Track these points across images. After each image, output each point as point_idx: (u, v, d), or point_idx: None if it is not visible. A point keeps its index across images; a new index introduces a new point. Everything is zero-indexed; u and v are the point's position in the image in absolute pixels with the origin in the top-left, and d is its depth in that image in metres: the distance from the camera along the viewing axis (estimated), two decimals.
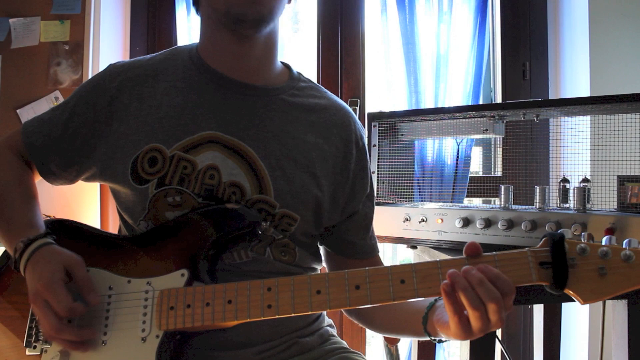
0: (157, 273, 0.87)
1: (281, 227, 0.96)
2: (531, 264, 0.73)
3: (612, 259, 0.70)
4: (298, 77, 1.07)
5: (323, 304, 0.78)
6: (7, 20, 1.96)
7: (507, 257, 0.74)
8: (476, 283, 0.70)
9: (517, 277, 0.73)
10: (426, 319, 0.86)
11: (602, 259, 0.71)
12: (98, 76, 1.01)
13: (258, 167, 0.94)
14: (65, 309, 0.79)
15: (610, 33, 1.85)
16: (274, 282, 0.80)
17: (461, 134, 1.47)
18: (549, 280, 0.72)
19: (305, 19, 2.26)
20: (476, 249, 0.75)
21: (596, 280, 0.70)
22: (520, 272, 0.73)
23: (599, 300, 0.71)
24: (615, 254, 0.71)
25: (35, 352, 0.88)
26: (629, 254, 0.70)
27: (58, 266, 0.83)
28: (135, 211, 0.95)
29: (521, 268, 0.73)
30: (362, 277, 0.77)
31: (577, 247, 0.72)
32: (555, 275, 0.71)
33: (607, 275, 0.70)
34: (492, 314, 0.70)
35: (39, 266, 0.83)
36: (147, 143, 0.93)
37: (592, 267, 0.71)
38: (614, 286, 0.70)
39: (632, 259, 0.70)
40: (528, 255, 0.73)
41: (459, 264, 0.75)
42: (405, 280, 0.75)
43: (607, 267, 0.70)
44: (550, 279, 0.72)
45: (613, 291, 0.70)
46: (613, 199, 1.24)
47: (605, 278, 0.70)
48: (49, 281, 0.80)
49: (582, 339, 1.85)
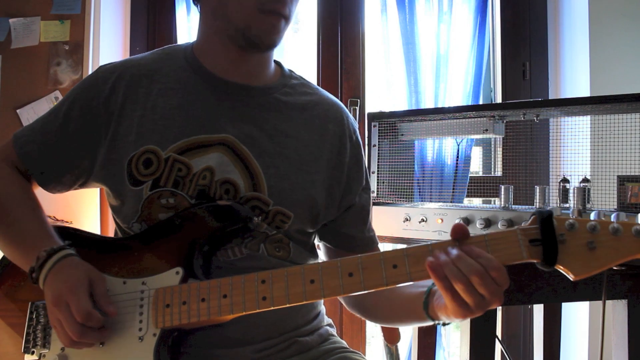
0: (152, 272, 0.88)
1: (275, 224, 0.96)
2: (521, 242, 0.73)
3: (601, 232, 0.71)
4: (290, 74, 1.08)
5: (317, 292, 0.78)
6: (7, 20, 1.96)
7: (497, 237, 0.74)
8: (455, 258, 0.72)
9: (508, 255, 0.73)
10: (427, 303, 0.87)
11: (590, 233, 0.71)
12: (89, 79, 1.00)
13: (252, 165, 0.95)
14: (84, 313, 0.80)
15: (610, 33, 1.85)
16: (268, 274, 0.81)
17: (461, 134, 1.47)
18: (539, 257, 0.72)
19: (305, 19, 2.26)
20: (462, 230, 0.75)
21: (586, 255, 0.71)
22: (511, 251, 0.73)
23: (589, 274, 0.71)
24: (603, 228, 0.71)
25: (33, 357, 0.89)
26: (617, 227, 0.70)
27: (84, 275, 0.84)
28: (128, 213, 0.95)
29: (511, 247, 0.73)
30: (354, 264, 0.78)
31: (566, 222, 0.72)
32: (545, 251, 0.72)
33: (597, 249, 0.71)
34: (479, 288, 0.71)
35: (64, 273, 0.84)
36: (142, 145, 0.93)
37: (582, 242, 0.71)
38: (604, 259, 0.70)
39: (620, 232, 0.70)
40: (518, 234, 0.73)
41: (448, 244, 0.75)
42: (397, 265, 0.76)
43: (596, 241, 0.71)
44: (540, 255, 0.72)
45: (603, 264, 0.71)
46: (613, 199, 1.24)
47: (594, 252, 0.71)
48: (75, 285, 0.82)
49: (582, 339, 1.84)
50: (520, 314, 2.08)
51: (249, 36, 0.92)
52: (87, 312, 0.80)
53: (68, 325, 0.80)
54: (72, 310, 0.80)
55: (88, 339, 0.82)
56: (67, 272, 0.84)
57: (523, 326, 2.08)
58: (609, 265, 0.70)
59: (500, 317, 2.05)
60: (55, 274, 0.84)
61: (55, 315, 0.82)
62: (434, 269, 0.72)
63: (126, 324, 0.85)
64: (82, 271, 0.84)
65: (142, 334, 0.84)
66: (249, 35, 0.92)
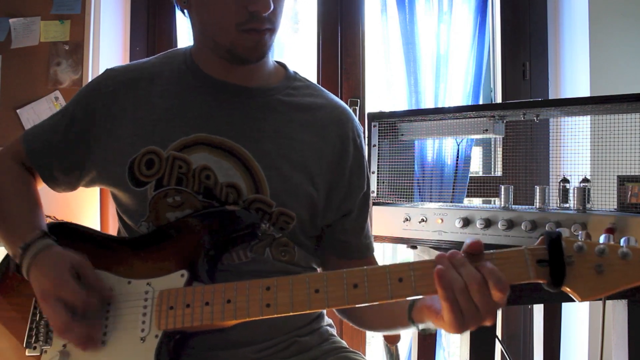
0: (157, 274, 0.88)
1: (279, 225, 0.96)
2: (528, 261, 0.73)
3: (610, 256, 0.70)
4: (294, 76, 1.07)
5: (321, 302, 0.78)
6: (7, 20, 1.95)
7: (505, 256, 0.74)
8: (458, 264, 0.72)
9: (515, 274, 0.73)
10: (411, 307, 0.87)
11: (599, 256, 0.71)
12: (95, 81, 1.02)
13: (253, 167, 0.95)
14: (82, 301, 0.81)
15: (610, 33, 1.85)
16: (273, 281, 0.81)
17: (461, 134, 1.47)
18: (546, 278, 0.72)
19: (305, 19, 2.26)
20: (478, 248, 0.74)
21: (593, 278, 0.70)
22: (518, 270, 0.73)
23: (596, 297, 0.71)
24: (612, 252, 0.70)
25: (35, 352, 0.88)
26: (626, 251, 0.70)
27: (66, 265, 0.84)
28: (135, 214, 0.96)
29: (518, 266, 0.73)
30: (360, 276, 0.77)
31: (575, 245, 0.72)
32: (552, 272, 0.71)
33: (605, 272, 0.70)
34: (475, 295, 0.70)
35: (45, 267, 0.84)
36: (143, 146, 0.94)
37: (590, 265, 0.71)
38: (612, 283, 0.70)
39: (629, 257, 0.70)
40: (525, 253, 0.73)
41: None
42: (403, 279, 0.76)
43: (604, 264, 0.70)
44: (547, 276, 0.72)
45: (610, 288, 0.70)
46: (613, 199, 1.24)
47: (602, 275, 0.70)
48: (60, 279, 0.82)
49: (582, 339, 1.85)
50: (520, 314, 2.08)
51: (235, 53, 0.92)
52: (85, 300, 0.81)
53: (57, 319, 0.81)
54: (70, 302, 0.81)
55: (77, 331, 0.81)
56: (48, 267, 0.84)
57: (523, 326, 2.08)
58: (616, 289, 0.70)
59: (500, 317, 2.05)
60: (38, 268, 0.85)
61: (45, 311, 0.83)
62: (440, 276, 0.72)
63: (129, 324, 0.85)
64: (63, 262, 0.84)
65: (144, 334, 0.84)
66: (235, 52, 0.92)
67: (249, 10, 0.87)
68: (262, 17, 0.88)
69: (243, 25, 0.89)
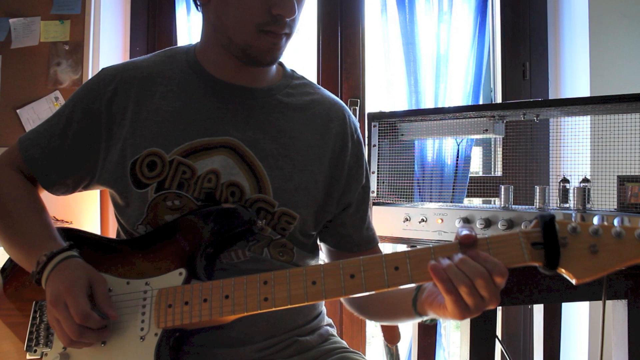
0: (156, 273, 0.88)
1: (281, 225, 0.96)
2: (523, 244, 0.73)
3: (603, 236, 0.71)
4: (291, 74, 1.08)
5: (319, 294, 0.78)
6: (7, 20, 1.95)
7: (499, 239, 0.74)
8: (459, 261, 0.72)
9: (510, 258, 0.73)
10: (416, 300, 0.87)
11: (593, 237, 0.71)
12: (92, 81, 1.00)
13: (256, 167, 0.95)
14: (81, 313, 0.79)
15: (610, 33, 1.85)
16: (270, 275, 0.81)
17: (461, 134, 1.47)
18: (541, 261, 0.72)
19: (305, 19, 2.26)
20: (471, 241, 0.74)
21: (588, 258, 0.71)
22: (513, 253, 0.73)
23: (592, 278, 0.71)
24: (606, 232, 0.71)
25: (35, 355, 0.89)
26: (619, 230, 0.70)
27: (84, 277, 0.84)
28: (133, 215, 0.96)
29: (513, 249, 0.73)
30: (356, 266, 0.78)
31: (568, 226, 0.72)
32: (547, 255, 0.71)
33: (599, 252, 0.70)
34: (482, 290, 0.71)
35: (64, 273, 0.84)
36: (145, 147, 0.94)
37: (584, 246, 0.71)
38: (606, 263, 0.70)
39: (623, 236, 0.70)
40: (520, 237, 0.73)
41: (452, 249, 0.75)
42: (399, 267, 0.76)
43: (598, 244, 0.70)
44: (542, 259, 0.72)
45: (605, 268, 0.70)
46: (613, 199, 1.24)
47: (597, 256, 0.70)
48: (73, 285, 0.81)
49: (582, 339, 1.84)
50: (520, 314, 2.08)
51: (249, 53, 0.92)
52: (85, 313, 0.79)
53: (66, 325, 0.80)
54: (70, 310, 0.80)
55: (86, 339, 0.81)
56: (67, 273, 0.84)
57: (523, 326, 2.08)
58: (612, 269, 0.70)
59: (500, 317, 2.05)
60: (57, 274, 0.84)
61: (54, 315, 0.82)
62: (435, 271, 0.72)
63: (128, 323, 0.85)
64: (81, 272, 0.84)
65: (144, 333, 0.84)
66: (249, 52, 0.92)
67: (272, 12, 0.88)
68: (284, 21, 0.89)
69: (262, 27, 0.89)
